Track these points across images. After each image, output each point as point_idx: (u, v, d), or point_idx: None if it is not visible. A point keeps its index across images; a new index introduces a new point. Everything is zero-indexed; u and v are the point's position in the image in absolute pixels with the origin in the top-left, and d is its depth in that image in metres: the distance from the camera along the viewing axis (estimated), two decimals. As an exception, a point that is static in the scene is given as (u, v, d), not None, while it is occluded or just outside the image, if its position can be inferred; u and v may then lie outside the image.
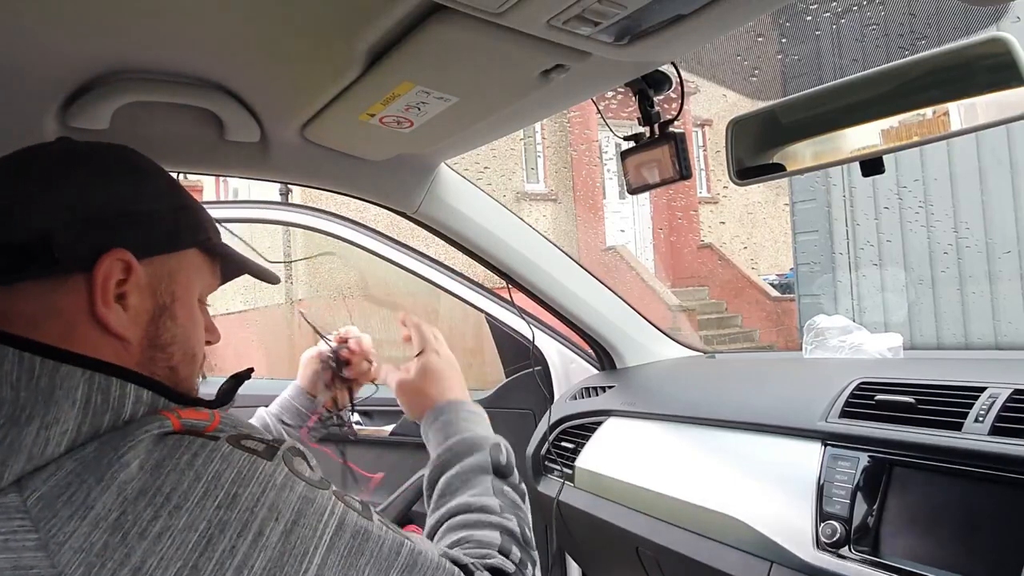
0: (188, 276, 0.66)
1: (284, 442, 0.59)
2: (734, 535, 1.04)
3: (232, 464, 0.53)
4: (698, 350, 1.74)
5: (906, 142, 0.80)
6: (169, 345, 0.64)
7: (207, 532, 0.49)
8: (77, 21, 0.69)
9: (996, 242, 4.56)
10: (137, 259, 0.60)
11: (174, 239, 0.65)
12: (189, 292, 0.67)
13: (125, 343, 0.60)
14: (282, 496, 0.53)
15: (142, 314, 0.62)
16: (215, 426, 0.57)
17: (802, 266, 5.96)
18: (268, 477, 0.53)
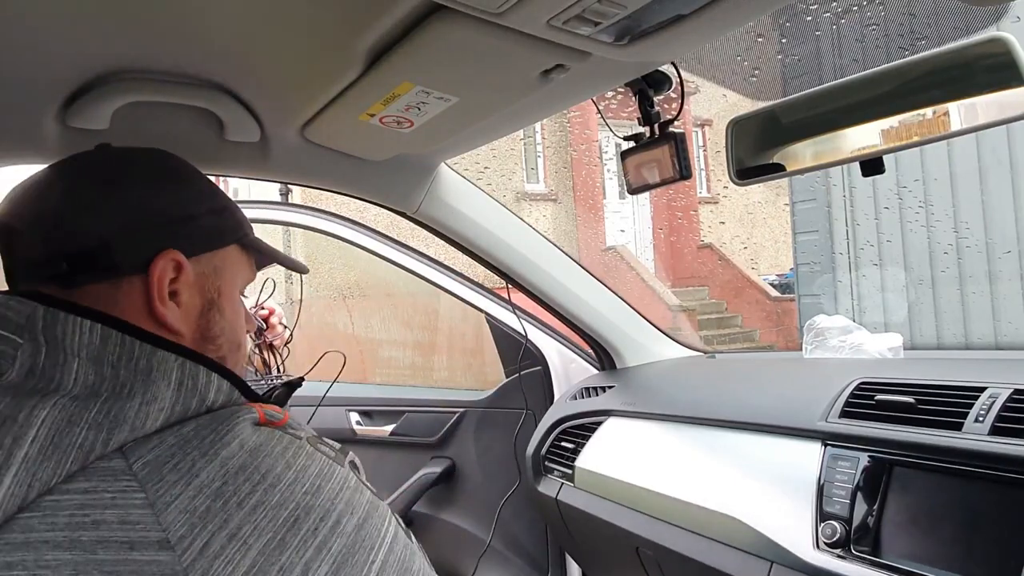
0: (231, 271, 0.71)
1: (348, 452, 0.64)
2: (734, 535, 1.04)
3: (315, 461, 0.58)
4: (698, 350, 1.74)
5: (906, 142, 0.80)
6: (218, 337, 0.68)
7: (295, 512, 0.53)
8: (77, 21, 0.69)
9: (996, 242, 4.56)
10: (186, 258, 0.65)
11: (217, 237, 0.69)
12: (233, 286, 0.71)
13: (179, 337, 0.64)
14: (355, 496, 0.58)
15: (192, 309, 0.66)
16: (285, 421, 0.61)
17: (802, 266, 5.96)
18: (343, 479, 0.58)
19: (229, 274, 0.71)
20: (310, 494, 0.55)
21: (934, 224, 4.90)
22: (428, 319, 4.84)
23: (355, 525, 0.56)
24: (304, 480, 0.55)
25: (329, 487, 0.56)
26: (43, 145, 0.90)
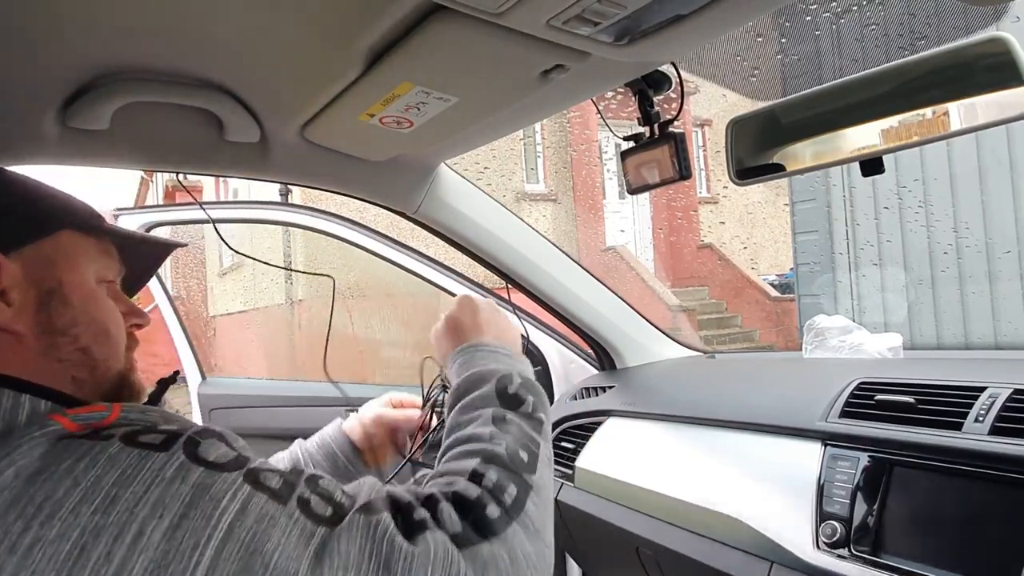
0: (69, 258, 0.67)
1: (193, 427, 0.57)
2: (734, 535, 1.04)
3: (116, 464, 0.51)
4: (698, 350, 1.74)
5: (906, 142, 0.80)
6: (71, 327, 0.64)
7: (80, 540, 0.47)
8: (77, 21, 0.69)
9: (996, 242, 4.56)
10: (4, 254, 0.62)
11: (35, 226, 0.65)
12: (77, 273, 0.67)
13: (19, 336, 0.61)
14: (170, 490, 0.50)
15: (27, 305, 0.62)
16: (113, 418, 0.55)
17: (802, 266, 5.96)
18: (156, 472, 0.51)
19: (68, 261, 0.66)
20: (100, 512, 0.48)
21: (934, 224, 4.90)
22: (428, 319, 4.84)
23: (166, 528, 0.49)
24: (93, 497, 0.49)
25: (128, 493, 0.49)
26: (43, 145, 0.90)
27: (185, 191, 1.42)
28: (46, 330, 0.63)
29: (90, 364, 0.65)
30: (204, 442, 0.55)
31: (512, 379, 0.78)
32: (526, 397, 0.77)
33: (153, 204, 11.28)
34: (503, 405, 0.75)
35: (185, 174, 1.11)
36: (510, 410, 0.75)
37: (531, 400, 0.77)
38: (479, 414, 0.74)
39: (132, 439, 0.53)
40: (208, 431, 0.57)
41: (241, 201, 2.37)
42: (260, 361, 7.03)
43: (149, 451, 0.52)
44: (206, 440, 0.56)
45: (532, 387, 0.79)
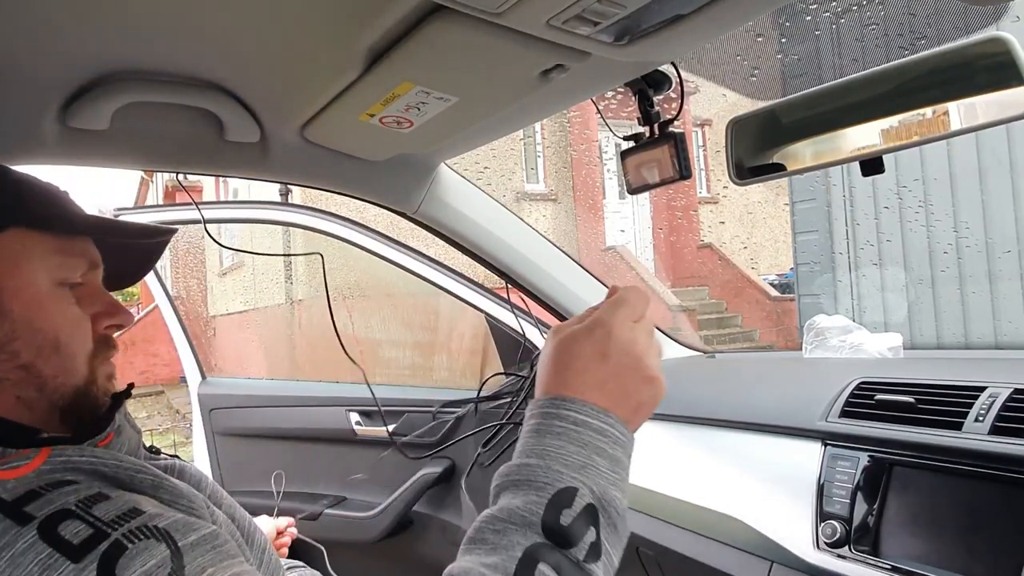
0: (13, 262, 0.59)
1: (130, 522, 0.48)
2: (734, 535, 1.04)
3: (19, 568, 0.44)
4: (698, 350, 1.74)
5: (906, 142, 0.80)
6: (8, 343, 0.57)
7: None
8: (77, 21, 0.69)
9: (996, 242, 4.56)
10: None
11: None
12: (21, 279, 0.59)
13: None
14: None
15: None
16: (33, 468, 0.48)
17: (802, 266, 5.96)
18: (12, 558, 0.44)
19: (10, 266, 0.58)
20: None
21: (934, 224, 4.90)
22: (428, 319, 4.84)
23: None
24: None
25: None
26: (43, 145, 0.90)
27: (184, 191, 1.42)
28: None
29: (36, 382, 0.58)
30: (133, 547, 0.47)
31: (575, 499, 0.52)
32: (584, 534, 0.52)
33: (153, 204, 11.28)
34: (547, 535, 0.51)
35: (185, 174, 1.11)
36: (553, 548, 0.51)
37: (589, 539, 0.52)
38: (507, 542, 0.51)
39: (50, 530, 0.45)
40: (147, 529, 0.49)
41: (241, 201, 2.37)
42: (260, 361, 7.03)
43: (58, 556, 0.45)
44: (137, 544, 0.47)
45: (607, 510, 0.53)
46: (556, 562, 0.50)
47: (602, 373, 0.59)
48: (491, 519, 0.53)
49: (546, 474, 0.53)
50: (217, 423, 2.15)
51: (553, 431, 0.56)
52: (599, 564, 0.52)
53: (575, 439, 0.56)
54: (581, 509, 0.52)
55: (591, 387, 0.58)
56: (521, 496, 0.53)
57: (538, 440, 0.56)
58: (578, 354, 0.59)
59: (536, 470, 0.54)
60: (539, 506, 0.52)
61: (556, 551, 0.50)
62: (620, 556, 0.55)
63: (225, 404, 2.16)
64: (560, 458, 0.54)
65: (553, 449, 0.55)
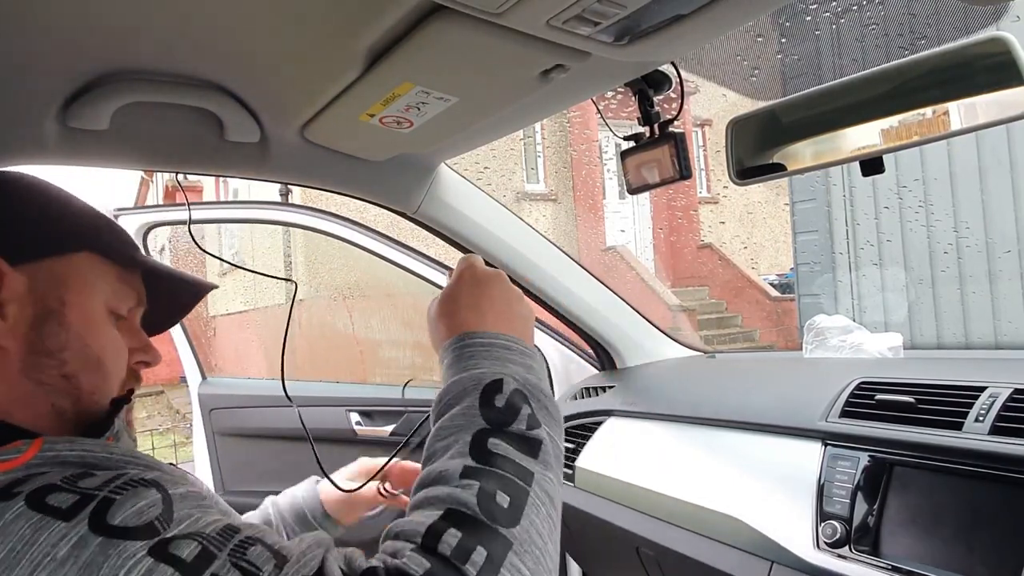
0: (83, 281, 0.64)
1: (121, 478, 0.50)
2: (734, 535, 1.04)
3: (6, 538, 0.45)
4: (698, 350, 1.74)
5: (906, 142, 0.80)
6: (59, 351, 0.60)
7: None
8: (77, 21, 0.69)
9: (996, 242, 4.56)
10: (11, 265, 0.59)
11: (52, 243, 0.63)
12: (85, 297, 0.63)
13: (2, 352, 0.58)
14: (61, 571, 0.44)
15: (20, 322, 0.59)
16: (29, 456, 0.50)
17: (802, 266, 5.96)
18: (48, 549, 0.45)
19: (78, 284, 0.63)
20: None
21: (934, 224, 4.90)
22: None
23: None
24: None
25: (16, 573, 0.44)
26: (43, 145, 0.90)
27: (182, 192, 1.42)
28: (33, 349, 0.59)
29: (74, 393, 0.61)
30: (122, 496, 0.48)
31: (503, 384, 0.62)
32: (519, 411, 0.61)
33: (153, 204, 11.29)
34: (488, 422, 0.60)
35: (185, 174, 1.11)
36: (496, 430, 0.60)
37: (525, 412, 0.61)
38: (455, 440, 0.60)
39: (38, 500, 0.47)
40: (136, 480, 0.50)
41: (241, 201, 2.37)
42: (260, 361, 7.04)
43: (49, 519, 0.46)
44: (125, 493, 0.49)
45: (533, 392, 0.64)
46: (502, 436, 0.59)
47: (484, 306, 0.71)
48: (438, 431, 0.62)
49: (472, 380, 0.63)
50: (217, 423, 2.15)
51: (465, 356, 0.67)
52: (541, 430, 0.62)
53: (488, 355, 0.67)
54: (510, 392, 0.62)
55: (483, 320, 0.70)
56: (456, 406, 0.62)
57: (457, 366, 0.66)
58: (459, 301, 0.72)
59: (463, 381, 0.64)
60: (474, 401, 0.62)
61: (499, 431, 0.60)
62: (561, 438, 0.65)
63: (225, 404, 2.16)
64: (479, 367, 0.65)
65: (472, 365, 0.65)
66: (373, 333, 5.78)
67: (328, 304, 6.65)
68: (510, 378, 0.64)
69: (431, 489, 0.57)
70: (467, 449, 0.58)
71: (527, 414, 0.62)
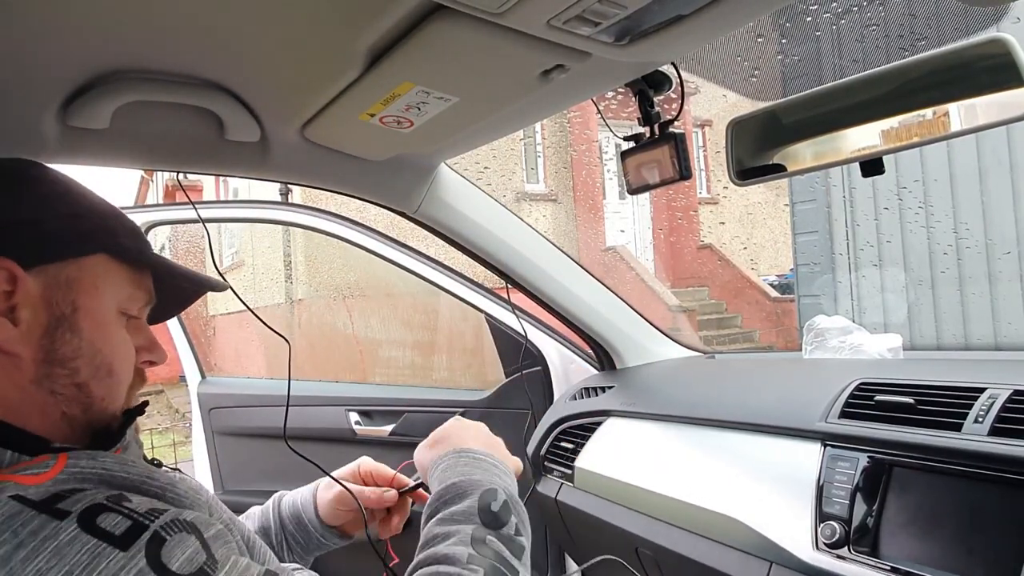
0: (94, 284, 0.62)
1: (162, 516, 0.51)
2: (734, 535, 1.04)
3: (64, 560, 0.45)
4: (698, 350, 1.74)
5: (906, 143, 0.80)
6: (71, 360, 0.59)
7: None
8: (77, 21, 0.69)
9: (996, 243, 4.56)
10: (24, 269, 0.57)
11: (67, 245, 0.61)
12: (97, 301, 0.62)
13: (15, 359, 0.57)
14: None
15: (34, 328, 0.58)
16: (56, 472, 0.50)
17: (802, 267, 5.96)
18: (77, 561, 0.45)
19: (91, 287, 0.61)
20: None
21: (934, 225, 4.90)
22: (428, 319, 4.84)
23: None
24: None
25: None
26: (43, 145, 0.90)
27: (183, 191, 1.42)
28: (47, 358, 0.58)
29: (85, 401, 0.60)
30: (172, 539, 0.50)
31: (497, 495, 0.72)
32: (509, 518, 0.71)
33: (153, 203, 11.29)
34: (484, 524, 0.69)
35: (185, 174, 1.11)
36: (491, 531, 0.69)
37: (514, 521, 0.71)
38: (457, 530, 0.68)
39: (90, 522, 0.47)
40: (179, 523, 0.52)
41: (241, 201, 2.37)
42: (260, 361, 7.04)
43: (105, 545, 0.46)
44: (174, 536, 0.50)
45: (517, 506, 0.74)
46: (497, 536, 0.68)
47: (469, 436, 0.85)
48: (438, 522, 0.70)
49: (471, 485, 0.73)
50: (216, 422, 2.15)
51: (461, 463, 0.78)
52: (525, 538, 0.72)
53: (477, 466, 0.78)
54: (503, 501, 0.72)
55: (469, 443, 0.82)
56: (455, 504, 0.71)
57: (453, 472, 0.76)
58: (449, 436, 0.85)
59: (462, 485, 0.73)
60: (473, 503, 0.71)
61: (494, 531, 0.69)
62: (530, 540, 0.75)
63: (224, 403, 2.16)
64: (474, 475, 0.75)
65: (467, 473, 0.76)
66: (373, 333, 5.78)
67: (328, 304, 6.65)
68: (501, 490, 0.74)
69: (439, 566, 0.64)
70: (469, 541, 0.66)
71: (516, 522, 0.72)
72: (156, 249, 0.80)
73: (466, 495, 0.72)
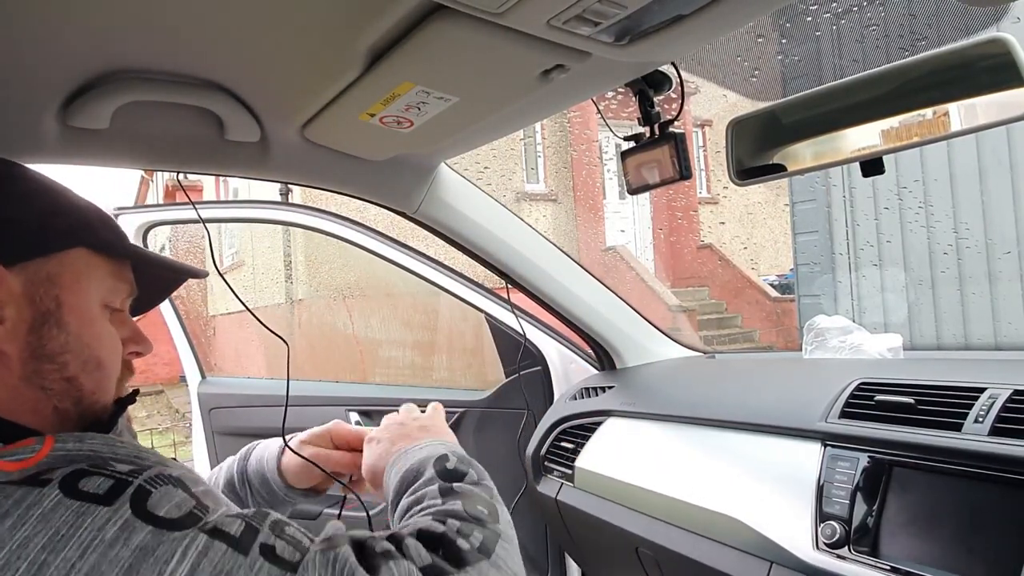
0: (75, 279, 0.62)
1: (148, 467, 0.53)
2: (734, 535, 1.04)
3: (49, 524, 0.46)
4: (698, 350, 1.74)
5: (906, 142, 0.80)
6: (59, 355, 0.60)
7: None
8: (77, 21, 0.69)
9: (996, 243, 4.56)
10: (5, 267, 0.58)
11: (46, 241, 0.61)
12: (80, 296, 0.62)
13: (3, 357, 0.57)
14: (109, 555, 0.46)
15: (20, 325, 0.58)
16: (45, 453, 0.51)
17: (802, 266, 5.96)
18: (95, 532, 0.47)
19: (72, 282, 0.62)
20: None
21: (934, 224, 4.90)
22: (428, 319, 4.85)
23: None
24: (18, 563, 0.44)
25: (60, 560, 0.45)
26: (43, 145, 0.90)
27: (183, 191, 1.42)
28: (34, 354, 0.59)
29: (75, 395, 0.61)
30: (157, 491, 0.51)
31: (448, 458, 0.77)
32: (467, 470, 0.76)
33: (153, 203, 11.28)
34: (446, 480, 0.74)
35: (185, 174, 1.11)
36: (456, 483, 0.73)
37: (472, 472, 0.76)
38: (424, 493, 0.72)
39: (72, 486, 0.48)
40: (163, 477, 0.53)
41: (241, 201, 2.37)
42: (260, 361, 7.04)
43: (90, 504, 0.48)
44: (160, 488, 0.51)
45: (470, 462, 0.79)
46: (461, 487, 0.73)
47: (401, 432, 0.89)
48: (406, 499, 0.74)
49: (420, 463, 0.77)
50: (217, 422, 2.15)
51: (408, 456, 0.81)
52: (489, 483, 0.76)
53: (421, 450, 0.82)
54: (456, 460, 0.78)
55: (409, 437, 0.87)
56: (414, 482, 0.75)
57: (403, 462, 0.81)
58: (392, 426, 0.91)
59: (413, 467, 0.78)
60: (431, 474, 0.75)
61: (458, 483, 0.73)
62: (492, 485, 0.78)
63: (225, 404, 2.16)
64: (421, 455, 0.80)
65: (414, 456, 0.80)
66: (373, 333, 5.78)
67: (328, 304, 6.65)
68: (450, 453, 0.80)
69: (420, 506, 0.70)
70: (438, 494, 0.72)
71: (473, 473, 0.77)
72: (156, 249, 0.80)
73: (420, 471, 0.76)
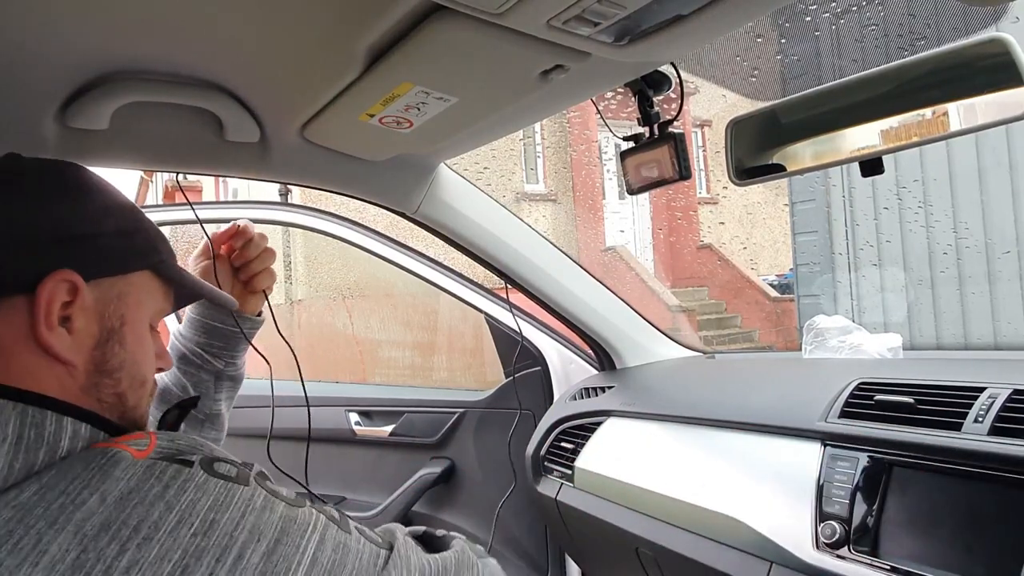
0: (138, 299, 0.65)
1: (252, 465, 0.60)
2: (734, 535, 1.04)
3: (207, 492, 0.52)
4: (698, 350, 1.74)
5: (906, 142, 0.80)
6: (117, 371, 0.62)
7: (182, 561, 0.48)
8: (77, 21, 0.69)
9: (995, 242, 4.56)
10: (85, 280, 0.59)
11: (124, 261, 0.64)
12: (139, 316, 0.66)
13: (70, 368, 0.59)
14: (263, 518, 0.53)
15: (87, 338, 0.60)
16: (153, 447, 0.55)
17: (801, 266, 5.96)
18: (247, 502, 0.54)
19: (135, 302, 0.65)
20: (200, 534, 0.49)
21: (933, 224, 4.91)
22: (428, 319, 4.84)
23: (264, 552, 0.52)
24: (191, 519, 0.50)
25: (226, 518, 0.51)
26: (43, 145, 0.90)
27: (182, 192, 1.42)
28: (98, 368, 0.61)
29: (120, 408, 0.63)
30: (270, 480, 0.60)
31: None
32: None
33: (152, 204, 11.27)
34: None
35: (185, 174, 1.11)
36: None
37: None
38: None
39: (211, 467, 0.55)
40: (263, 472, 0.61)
41: (241, 201, 2.37)
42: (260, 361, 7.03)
43: (229, 483, 0.54)
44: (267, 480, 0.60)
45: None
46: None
47: None
48: None
49: None
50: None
51: None
52: None
53: None
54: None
55: None
56: None
57: None
58: None
59: None
60: None
61: None
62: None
63: (224, 404, 2.15)
64: None
65: None
66: (372, 333, 5.78)
67: (328, 304, 6.65)
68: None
69: None
70: None
71: None
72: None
73: None
